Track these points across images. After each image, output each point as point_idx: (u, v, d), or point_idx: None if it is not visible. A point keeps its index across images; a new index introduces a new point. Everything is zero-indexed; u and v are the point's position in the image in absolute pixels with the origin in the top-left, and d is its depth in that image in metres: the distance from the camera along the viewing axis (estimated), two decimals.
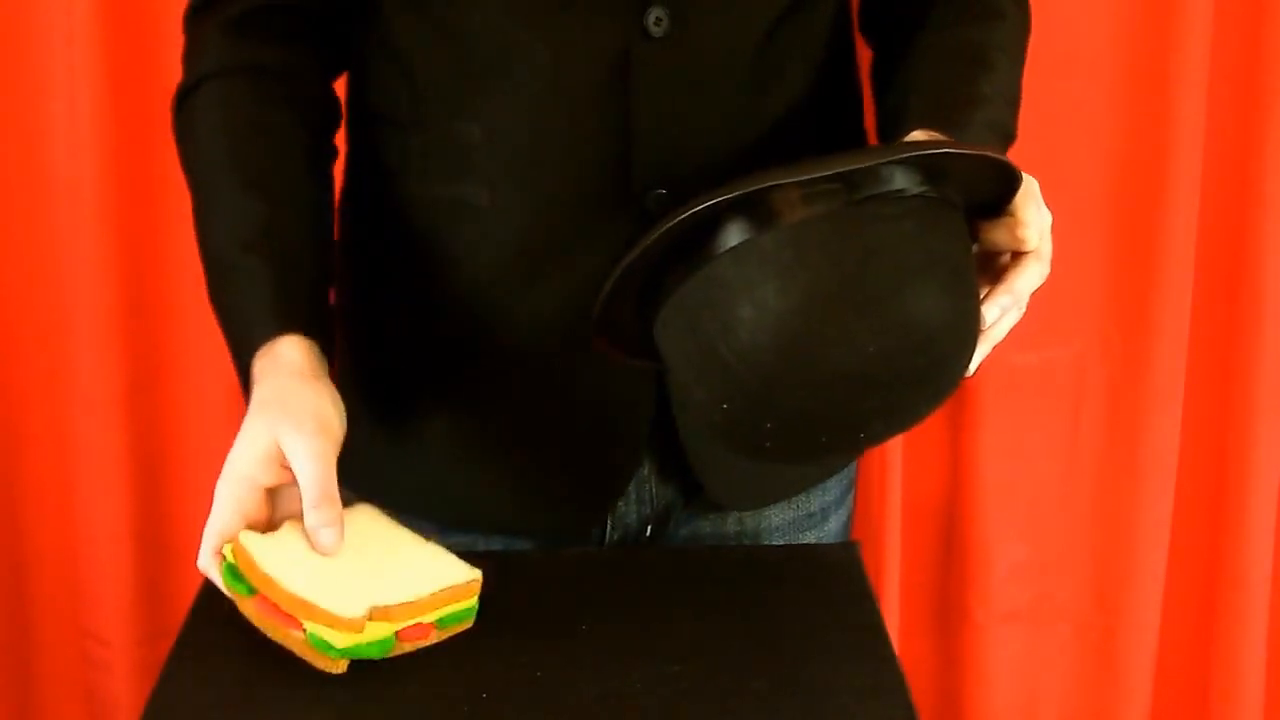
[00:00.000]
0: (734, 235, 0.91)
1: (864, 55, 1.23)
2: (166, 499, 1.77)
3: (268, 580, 0.96)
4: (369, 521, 1.06)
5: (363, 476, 1.23)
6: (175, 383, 1.74)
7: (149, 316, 1.72)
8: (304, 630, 0.96)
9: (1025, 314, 1.88)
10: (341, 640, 0.95)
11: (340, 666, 0.96)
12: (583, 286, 1.09)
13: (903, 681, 0.98)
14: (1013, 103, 1.12)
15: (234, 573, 0.98)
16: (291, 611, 0.96)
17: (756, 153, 1.11)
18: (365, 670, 0.97)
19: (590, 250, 1.09)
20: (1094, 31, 1.72)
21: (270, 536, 1.00)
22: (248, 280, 1.06)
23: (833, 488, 1.27)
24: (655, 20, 1.05)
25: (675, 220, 0.90)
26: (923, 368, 0.93)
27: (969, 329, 0.96)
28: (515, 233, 1.11)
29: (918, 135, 1.01)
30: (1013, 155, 1.79)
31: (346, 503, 1.02)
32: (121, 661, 1.79)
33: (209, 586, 1.08)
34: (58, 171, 1.67)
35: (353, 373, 1.22)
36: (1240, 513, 1.85)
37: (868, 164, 0.91)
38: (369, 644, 0.96)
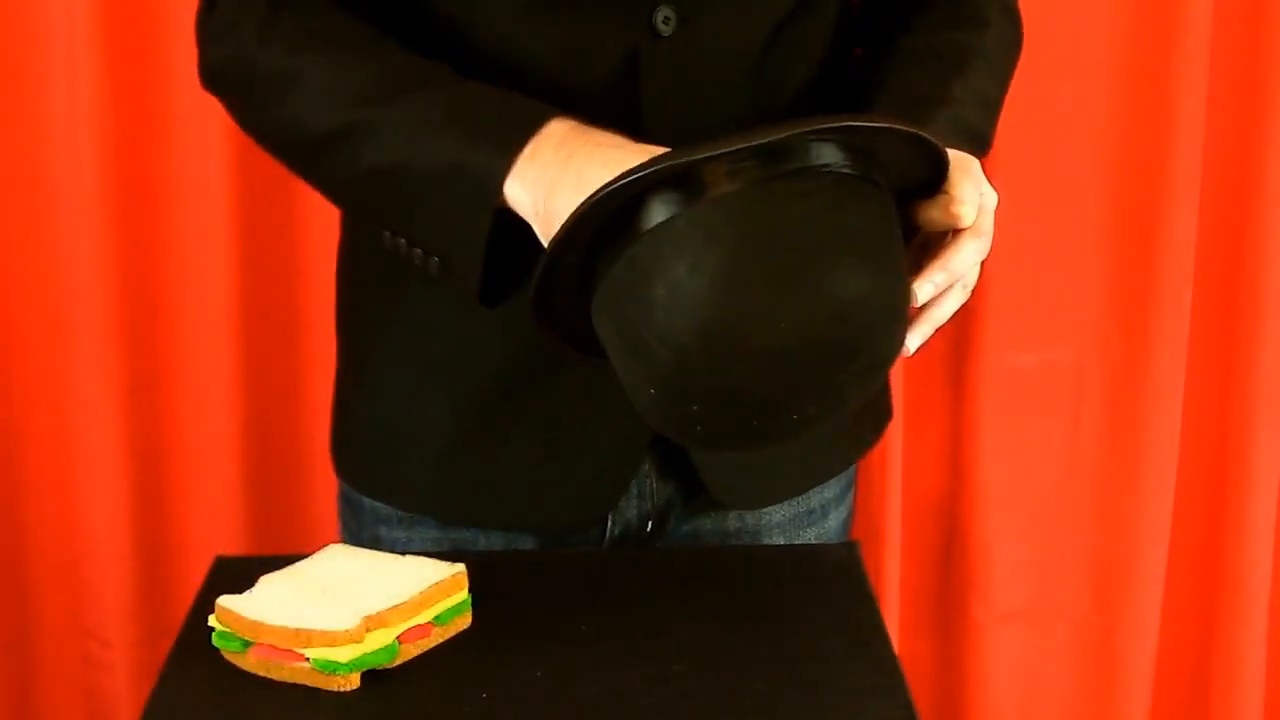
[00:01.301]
0: (655, 214, 0.90)
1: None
2: (166, 499, 1.77)
3: (257, 625, 0.97)
4: (342, 552, 1.08)
5: (363, 474, 1.23)
6: (175, 383, 1.75)
7: (149, 316, 1.72)
8: (307, 659, 0.96)
9: (1025, 314, 1.89)
10: (346, 655, 0.95)
11: (353, 682, 0.96)
12: None
13: (903, 681, 0.98)
14: (987, 107, 1.12)
15: (224, 636, 0.99)
16: (289, 645, 0.96)
17: None
18: (365, 671, 0.97)
19: None
20: (1094, 31, 1.72)
21: (246, 595, 1.00)
22: (488, 98, 1.01)
23: (833, 485, 1.27)
24: (664, 19, 1.05)
25: (588, 203, 0.89)
26: (843, 342, 0.92)
27: (890, 304, 0.94)
28: None
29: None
30: (1013, 155, 1.80)
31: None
32: (121, 661, 1.79)
33: (209, 586, 1.08)
34: (58, 171, 1.67)
35: (354, 371, 1.22)
36: (1240, 513, 1.85)
37: (777, 137, 0.90)
38: (374, 653, 0.96)
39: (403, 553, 1.07)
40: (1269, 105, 1.72)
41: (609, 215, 0.90)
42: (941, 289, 0.98)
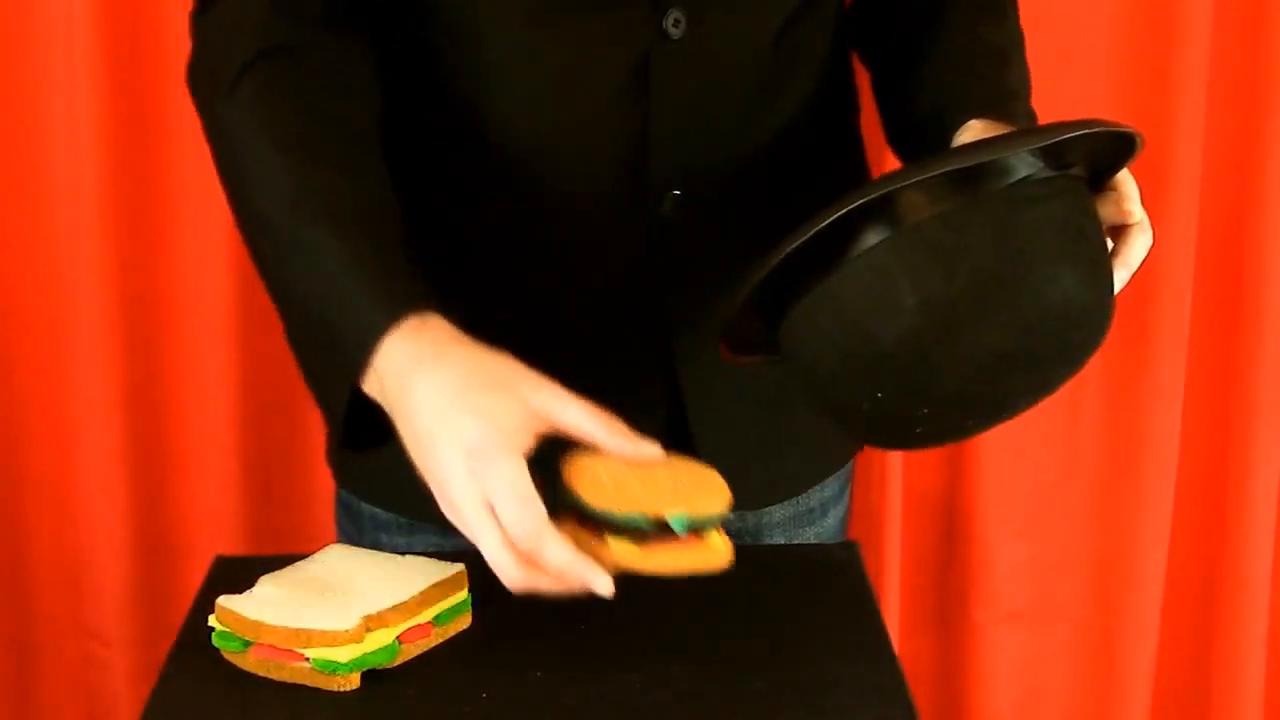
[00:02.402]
0: (882, 229, 0.92)
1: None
2: (166, 499, 1.77)
3: (257, 625, 0.97)
4: (342, 552, 1.08)
5: (364, 479, 1.23)
6: (175, 383, 1.74)
7: (149, 316, 1.72)
8: (307, 659, 0.96)
9: None
10: (345, 654, 0.95)
11: (352, 682, 0.96)
12: (597, 288, 1.09)
13: (903, 681, 0.98)
14: (1029, 98, 1.13)
15: (224, 636, 0.99)
16: (289, 645, 0.96)
17: (769, 152, 1.12)
18: (366, 671, 0.97)
19: (605, 252, 1.10)
20: (1094, 31, 1.72)
21: (246, 595, 1.00)
22: (357, 258, 0.98)
23: (831, 483, 1.28)
24: (674, 22, 1.05)
25: (830, 218, 0.90)
26: (1074, 344, 0.97)
27: (1111, 300, 0.99)
28: (532, 233, 1.11)
29: (975, 125, 1.04)
30: None
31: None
32: (121, 661, 1.79)
33: (209, 586, 1.08)
34: (58, 171, 1.66)
35: None
36: (1240, 513, 1.85)
37: (1013, 150, 0.93)
38: (374, 653, 0.97)
39: (403, 553, 1.07)
40: (1269, 105, 1.72)
41: (822, 235, 0.92)
42: (1123, 286, 1.02)
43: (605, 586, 0.91)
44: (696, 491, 0.97)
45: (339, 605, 0.98)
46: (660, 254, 1.12)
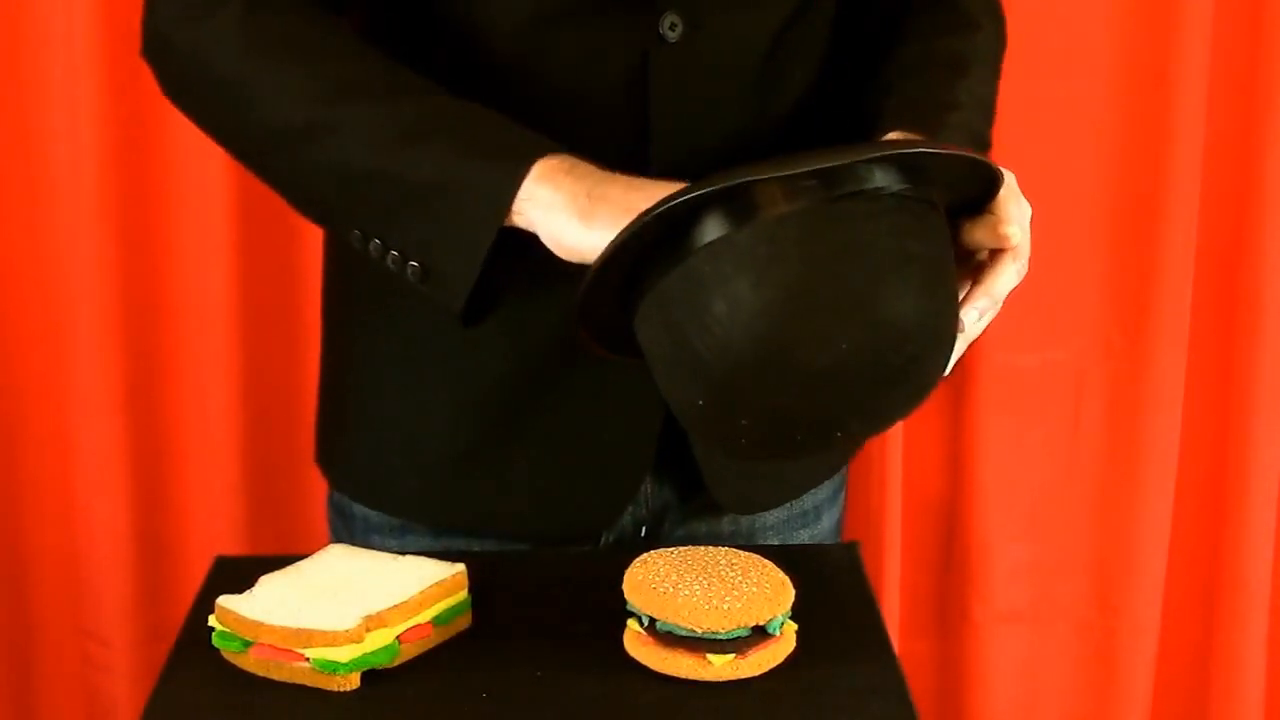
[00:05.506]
0: (712, 229, 0.90)
1: None
2: (166, 499, 1.77)
3: (257, 625, 0.97)
4: (342, 552, 1.08)
5: (358, 481, 1.23)
6: (175, 383, 1.74)
7: (149, 316, 1.72)
8: (307, 659, 0.96)
9: (1025, 314, 1.89)
10: (345, 655, 0.95)
11: (352, 682, 0.96)
12: None
13: (903, 681, 0.98)
14: (987, 111, 1.12)
15: (224, 636, 0.99)
16: (288, 645, 0.96)
17: (767, 152, 1.12)
18: (366, 671, 0.97)
19: None
20: (1094, 31, 1.72)
21: (246, 594, 1.00)
22: (482, 115, 0.99)
23: (826, 486, 1.28)
24: (671, 25, 1.06)
25: (653, 213, 0.89)
26: (898, 367, 0.92)
27: (946, 329, 0.95)
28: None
29: (893, 136, 1.01)
30: (1013, 155, 1.79)
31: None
32: (121, 662, 1.79)
33: (209, 586, 1.08)
34: (58, 171, 1.67)
35: (347, 374, 1.22)
36: (1240, 513, 1.85)
37: (847, 161, 0.90)
38: (373, 653, 0.96)
39: (401, 553, 1.07)
40: (1269, 105, 1.72)
41: (662, 228, 0.90)
42: (985, 314, 0.99)
43: None
44: (762, 579, 0.99)
45: (339, 605, 0.98)
46: None
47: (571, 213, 0.94)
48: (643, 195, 0.92)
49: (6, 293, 1.72)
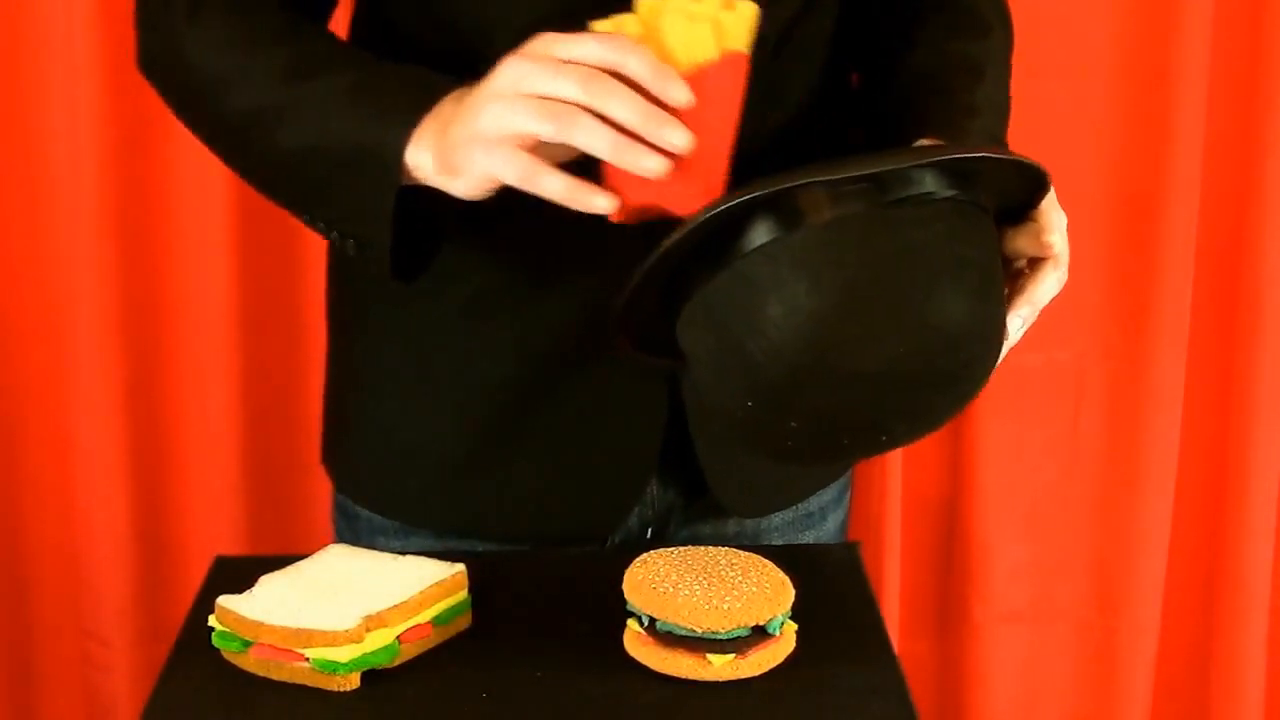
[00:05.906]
0: (763, 233, 0.90)
1: None
2: (166, 499, 1.77)
3: (257, 625, 0.97)
4: (342, 552, 1.08)
5: (362, 485, 1.23)
6: (175, 383, 1.75)
7: (149, 316, 1.72)
8: (307, 659, 0.96)
9: None
10: (345, 654, 0.95)
11: (352, 682, 0.96)
12: (591, 299, 1.09)
13: (903, 681, 0.98)
14: (1002, 114, 1.12)
15: (224, 636, 0.99)
16: (288, 645, 0.96)
17: (768, 157, 1.11)
18: (366, 671, 0.97)
19: (601, 263, 1.10)
20: (1094, 31, 1.72)
21: (245, 594, 1.00)
22: (396, 74, 1.00)
23: (831, 488, 1.27)
24: None
25: (704, 216, 0.89)
26: (948, 371, 0.93)
27: (996, 334, 0.96)
28: (525, 243, 1.11)
29: (924, 142, 1.02)
30: None
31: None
32: (121, 661, 1.79)
33: (209, 586, 1.08)
34: (58, 173, 1.67)
35: (352, 376, 1.22)
36: (1240, 513, 1.85)
37: (900, 166, 0.91)
38: (373, 653, 0.96)
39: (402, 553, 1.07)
40: (1269, 105, 1.72)
41: (708, 232, 0.91)
42: (1027, 321, 1.00)
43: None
44: (762, 579, 0.99)
45: (339, 605, 0.98)
46: None
47: (441, 170, 0.95)
48: (466, 112, 0.92)
49: (6, 293, 1.72)
